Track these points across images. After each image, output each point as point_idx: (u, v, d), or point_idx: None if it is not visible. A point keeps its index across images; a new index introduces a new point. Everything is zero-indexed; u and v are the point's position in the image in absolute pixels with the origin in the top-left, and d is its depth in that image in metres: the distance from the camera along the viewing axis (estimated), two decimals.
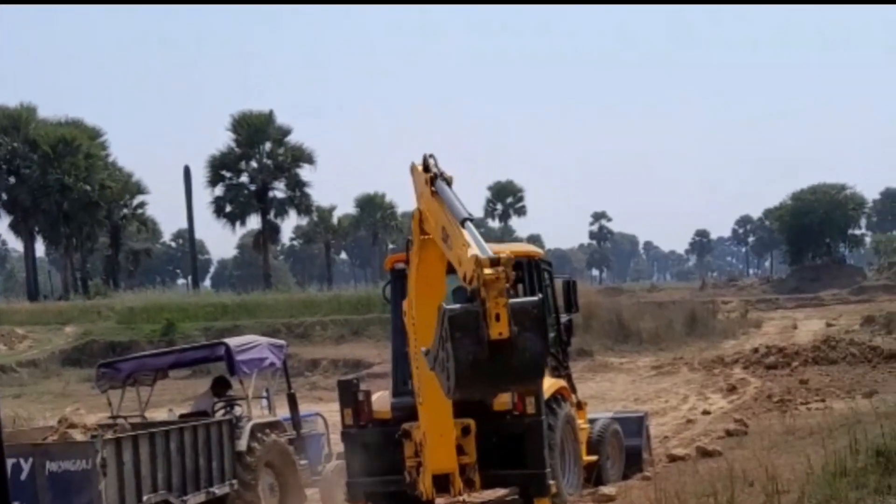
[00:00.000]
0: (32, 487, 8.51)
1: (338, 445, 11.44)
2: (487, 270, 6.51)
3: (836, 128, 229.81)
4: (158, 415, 12.66)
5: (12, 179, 61.38)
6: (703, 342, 32.83)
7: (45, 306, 47.58)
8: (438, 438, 8.94)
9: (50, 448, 8.83)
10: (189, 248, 70.86)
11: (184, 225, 60.12)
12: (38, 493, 8.52)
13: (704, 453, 11.94)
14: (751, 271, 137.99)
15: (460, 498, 11.36)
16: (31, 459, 8.58)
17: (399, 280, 9.78)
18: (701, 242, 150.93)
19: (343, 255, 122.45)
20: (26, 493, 8.46)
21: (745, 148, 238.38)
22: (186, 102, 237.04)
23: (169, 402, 16.85)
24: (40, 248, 68.61)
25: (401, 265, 10.26)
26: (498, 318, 6.41)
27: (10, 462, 8.47)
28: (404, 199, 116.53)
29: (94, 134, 64.13)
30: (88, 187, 60.50)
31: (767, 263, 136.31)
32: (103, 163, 63.30)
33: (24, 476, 8.53)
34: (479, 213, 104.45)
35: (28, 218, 60.79)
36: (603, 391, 22.76)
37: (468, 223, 7.15)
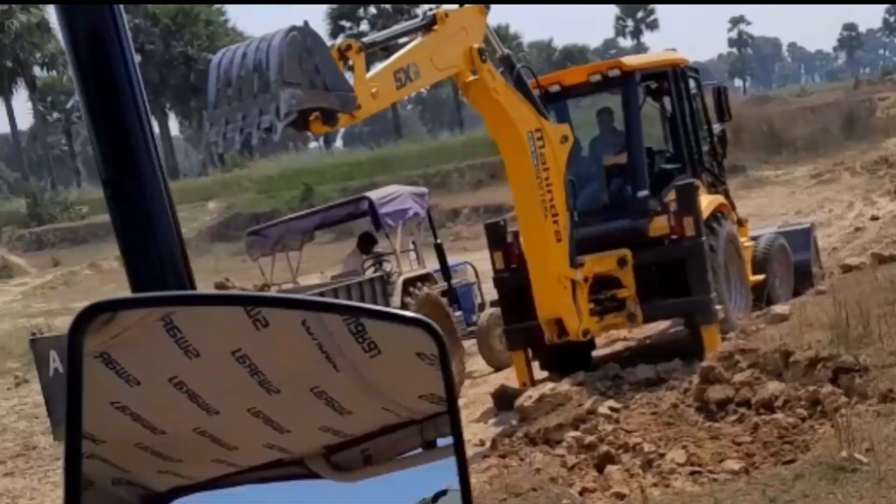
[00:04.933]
0: None
1: (490, 294, 11.22)
2: None
3: None
4: (310, 280, 12.72)
5: (138, 57, 62.08)
6: (864, 144, 31.11)
7: (186, 184, 48.54)
8: (541, 285, 8.66)
9: None
10: None
11: None
12: None
13: (881, 260, 11.08)
14: None
15: (621, 334, 11.06)
16: None
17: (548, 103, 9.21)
18: (850, 37, 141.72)
19: None
20: None
21: None
22: None
23: (316, 267, 16.99)
24: (174, 127, 70.24)
25: (554, 87, 9.64)
26: None
27: None
28: (529, 28, 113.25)
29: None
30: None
31: None
32: (224, 29, 63.32)
33: None
34: (609, 32, 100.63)
35: (158, 95, 61.60)
36: (761, 207, 21.80)
37: None
